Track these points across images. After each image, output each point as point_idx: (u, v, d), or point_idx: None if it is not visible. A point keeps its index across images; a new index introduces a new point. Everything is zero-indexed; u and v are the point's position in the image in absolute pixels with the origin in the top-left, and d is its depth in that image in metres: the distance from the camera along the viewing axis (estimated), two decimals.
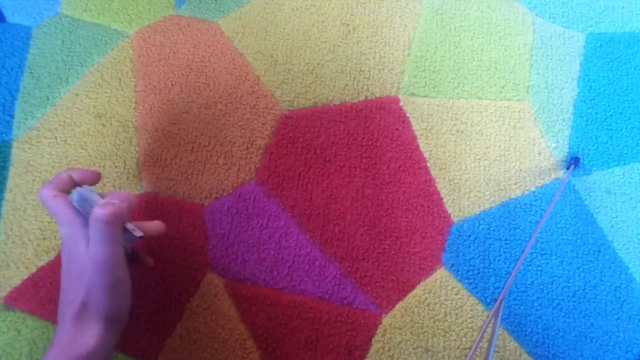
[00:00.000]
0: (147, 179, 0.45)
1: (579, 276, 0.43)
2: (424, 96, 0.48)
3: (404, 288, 0.42)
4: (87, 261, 0.31)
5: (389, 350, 0.40)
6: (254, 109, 0.47)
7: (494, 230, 0.44)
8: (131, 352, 0.40)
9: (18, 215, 0.43)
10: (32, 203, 0.43)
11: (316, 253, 0.43)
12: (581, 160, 0.46)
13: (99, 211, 0.31)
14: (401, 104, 0.48)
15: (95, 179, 0.36)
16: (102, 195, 0.34)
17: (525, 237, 0.44)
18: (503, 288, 0.41)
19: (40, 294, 0.40)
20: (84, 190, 0.33)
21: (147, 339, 0.40)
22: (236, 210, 0.44)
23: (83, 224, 0.32)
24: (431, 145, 0.47)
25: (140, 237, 0.34)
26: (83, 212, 0.33)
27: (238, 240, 0.43)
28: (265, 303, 0.41)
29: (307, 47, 0.50)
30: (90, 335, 0.31)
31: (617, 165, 0.47)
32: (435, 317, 0.41)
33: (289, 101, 0.48)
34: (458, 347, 0.41)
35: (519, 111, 0.48)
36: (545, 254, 0.43)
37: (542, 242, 0.44)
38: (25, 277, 0.41)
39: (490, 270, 0.43)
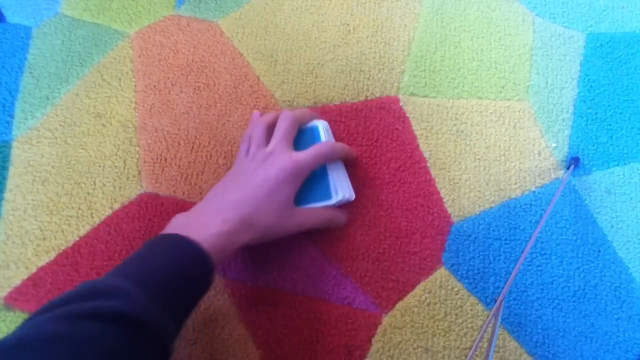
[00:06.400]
0: (147, 179, 0.45)
1: (579, 276, 0.43)
2: (424, 96, 0.48)
3: (404, 288, 0.42)
4: (275, 160, 0.36)
5: (389, 350, 0.40)
6: (254, 109, 0.47)
7: (494, 230, 0.44)
8: None
9: (18, 215, 0.43)
10: (32, 203, 0.43)
11: (316, 253, 0.43)
12: (581, 160, 0.46)
13: (334, 144, 0.41)
14: (401, 104, 0.48)
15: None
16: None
17: (525, 237, 0.44)
18: (503, 288, 0.41)
19: (40, 294, 0.40)
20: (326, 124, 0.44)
21: None
22: None
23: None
24: (431, 145, 0.47)
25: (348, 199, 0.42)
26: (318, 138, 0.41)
27: None
28: (265, 303, 0.41)
29: (307, 47, 0.50)
30: (218, 223, 0.32)
31: (617, 165, 0.47)
32: (435, 317, 0.41)
33: (289, 101, 0.48)
34: (458, 347, 0.41)
35: (519, 111, 0.48)
36: (545, 254, 0.43)
37: (542, 242, 0.44)
38: (25, 277, 0.41)
39: (490, 270, 0.43)
